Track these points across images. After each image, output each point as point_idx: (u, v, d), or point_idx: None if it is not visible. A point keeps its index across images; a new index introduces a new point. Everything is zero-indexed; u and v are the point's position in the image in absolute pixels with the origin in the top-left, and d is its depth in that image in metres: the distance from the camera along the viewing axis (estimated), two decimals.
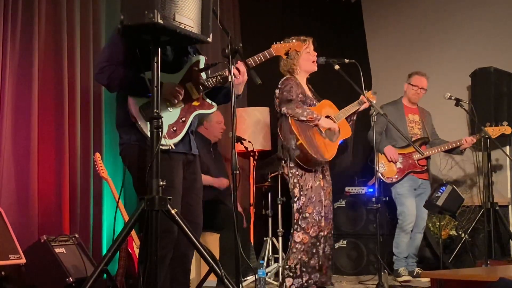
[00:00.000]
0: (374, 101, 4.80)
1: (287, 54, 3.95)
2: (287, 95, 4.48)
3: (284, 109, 4.47)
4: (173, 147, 3.26)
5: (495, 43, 6.76)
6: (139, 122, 3.20)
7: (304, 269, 4.42)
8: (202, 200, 3.56)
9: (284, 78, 4.61)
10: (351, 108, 4.68)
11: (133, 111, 3.20)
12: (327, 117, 4.62)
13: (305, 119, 4.44)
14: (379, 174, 5.60)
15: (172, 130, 3.26)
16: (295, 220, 4.47)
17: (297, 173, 4.49)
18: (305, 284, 4.43)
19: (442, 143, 5.81)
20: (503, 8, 6.82)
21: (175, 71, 3.36)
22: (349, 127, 4.70)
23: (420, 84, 5.83)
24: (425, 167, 5.74)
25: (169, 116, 3.28)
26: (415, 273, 5.58)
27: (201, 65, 3.41)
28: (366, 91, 4.77)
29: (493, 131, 5.69)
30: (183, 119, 3.32)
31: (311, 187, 4.49)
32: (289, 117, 4.44)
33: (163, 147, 3.19)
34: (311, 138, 4.44)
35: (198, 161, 3.51)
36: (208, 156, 5.46)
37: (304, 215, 4.45)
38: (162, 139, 3.17)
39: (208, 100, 3.43)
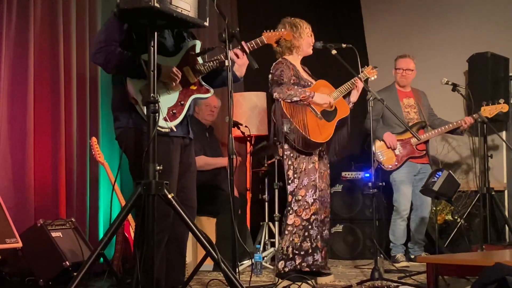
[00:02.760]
0: (375, 77, 4.78)
1: (277, 42, 3.96)
2: (278, 79, 4.46)
3: (275, 94, 4.45)
4: (175, 129, 3.26)
5: (492, 28, 6.75)
6: (139, 104, 3.20)
7: (296, 252, 4.42)
8: (198, 184, 3.57)
9: (275, 62, 4.59)
10: (346, 87, 4.65)
11: (132, 93, 3.19)
12: None
13: (298, 99, 4.40)
14: (379, 162, 5.62)
15: (171, 112, 3.27)
16: (288, 202, 4.47)
17: (291, 155, 4.48)
18: (298, 266, 4.43)
19: (443, 123, 5.79)
20: None
21: (173, 55, 3.35)
22: (347, 106, 4.67)
23: (405, 66, 5.81)
24: (424, 152, 5.73)
25: (168, 99, 3.28)
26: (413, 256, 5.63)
27: (197, 50, 3.41)
28: (366, 67, 4.75)
29: (490, 110, 5.67)
30: (182, 102, 3.33)
31: (305, 169, 4.47)
32: (281, 101, 4.42)
33: (163, 130, 3.20)
34: (305, 120, 4.42)
35: (193, 145, 3.52)
36: (204, 139, 5.46)
37: (296, 198, 4.45)
38: (163, 121, 3.18)
39: (205, 85, 3.43)
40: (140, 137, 3.18)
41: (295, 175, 4.47)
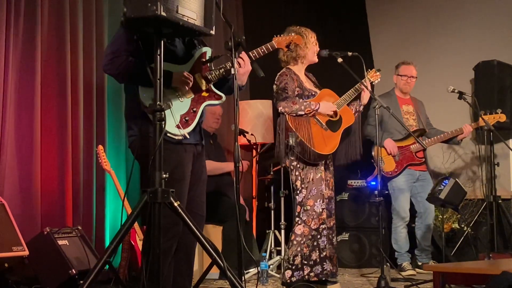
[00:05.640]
0: (378, 80, 4.78)
1: (288, 46, 3.98)
2: (282, 92, 4.48)
3: (280, 108, 4.47)
4: (188, 136, 3.27)
5: (498, 36, 6.74)
6: None
7: (305, 262, 4.43)
8: None
9: (279, 73, 4.60)
10: (351, 94, 4.66)
11: (144, 101, 3.19)
12: None
13: (303, 113, 4.42)
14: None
15: (184, 120, 3.28)
16: (296, 213, 4.47)
17: (298, 166, 4.49)
18: (306, 276, 4.43)
19: (438, 133, 5.80)
20: (507, 1, 6.79)
21: (184, 62, 3.37)
22: (352, 114, 4.67)
23: (409, 73, 5.82)
24: (423, 159, 5.74)
25: (181, 106, 3.30)
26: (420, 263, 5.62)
27: (208, 56, 3.43)
28: (369, 71, 4.75)
29: (488, 119, 5.69)
30: (194, 109, 3.34)
31: (312, 179, 4.48)
32: (286, 115, 4.43)
33: (176, 137, 3.21)
34: (310, 133, 4.43)
35: (204, 152, 3.53)
36: (208, 147, 5.46)
37: (305, 208, 4.46)
38: (176, 128, 3.19)
39: (216, 91, 3.44)
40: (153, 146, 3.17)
41: (303, 186, 4.47)
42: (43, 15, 4.76)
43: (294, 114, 4.42)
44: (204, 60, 3.41)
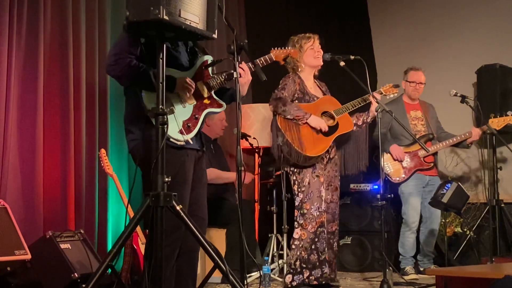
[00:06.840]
0: (395, 95, 4.79)
1: (285, 60, 4.00)
2: (278, 93, 4.51)
3: (270, 107, 4.50)
4: (191, 142, 3.28)
5: (501, 40, 6.74)
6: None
7: (304, 265, 4.43)
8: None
9: (285, 76, 4.62)
10: (356, 104, 4.66)
11: (148, 106, 3.20)
12: (324, 113, 4.60)
13: (291, 117, 4.44)
14: (386, 175, 5.60)
15: (186, 126, 3.29)
16: (294, 217, 4.49)
17: (295, 170, 4.52)
18: (306, 280, 4.43)
19: (449, 136, 5.77)
20: (509, 4, 6.79)
21: (187, 70, 3.38)
22: (351, 121, 4.68)
23: (418, 79, 5.80)
24: (432, 164, 5.71)
25: (183, 112, 3.30)
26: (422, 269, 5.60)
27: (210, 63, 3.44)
28: (386, 85, 4.76)
29: (498, 122, 5.67)
30: (196, 115, 3.35)
31: (309, 183, 4.49)
32: (276, 115, 4.46)
33: (179, 143, 3.22)
34: (299, 133, 4.43)
35: (205, 157, 3.53)
36: (209, 152, 5.46)
37: (302, 212, 4.46)
38: (179, 134, 3.19)
39: (217, 99, 3.45)
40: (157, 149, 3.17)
41: (299, 189, 4.49)
42: (46, 18, 4.76)
43: (283, 116, 4.43)
44: (205, 66, 3.42)
